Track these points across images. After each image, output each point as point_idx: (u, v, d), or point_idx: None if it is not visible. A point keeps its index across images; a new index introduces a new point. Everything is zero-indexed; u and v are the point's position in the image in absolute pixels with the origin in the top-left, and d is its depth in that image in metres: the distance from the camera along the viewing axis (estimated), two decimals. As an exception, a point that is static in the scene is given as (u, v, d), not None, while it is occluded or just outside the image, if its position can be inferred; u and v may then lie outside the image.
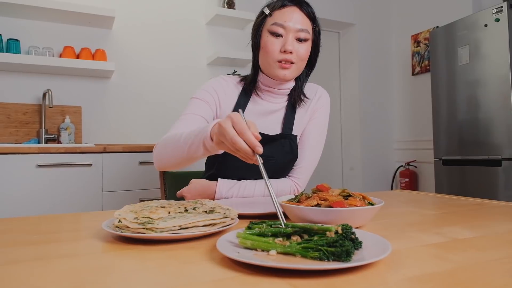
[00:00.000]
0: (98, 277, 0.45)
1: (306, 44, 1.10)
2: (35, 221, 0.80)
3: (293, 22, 1.07)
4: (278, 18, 1.08)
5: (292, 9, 1.08)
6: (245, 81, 1.20)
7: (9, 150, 1.91)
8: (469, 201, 1.05)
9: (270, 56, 1.09)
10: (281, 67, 1.08)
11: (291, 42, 1.07)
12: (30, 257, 0.53)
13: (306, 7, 1.10)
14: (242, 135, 0.69)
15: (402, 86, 3.80)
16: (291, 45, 1.06)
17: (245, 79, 1.21)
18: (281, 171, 1.17)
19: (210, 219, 0.64)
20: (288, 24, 1.07)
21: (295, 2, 1.09)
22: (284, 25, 1.07)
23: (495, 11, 2.43)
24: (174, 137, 0.95)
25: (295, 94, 1.18)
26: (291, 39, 1.07)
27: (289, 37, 1.07)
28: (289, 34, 1.07)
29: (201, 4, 3.02)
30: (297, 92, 1.18)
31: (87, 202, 2.06)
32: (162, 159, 1.00)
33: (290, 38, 1.07)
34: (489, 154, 2.48)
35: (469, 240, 0.60)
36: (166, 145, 0.97)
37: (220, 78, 1.21)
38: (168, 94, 2.89)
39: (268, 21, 1.10)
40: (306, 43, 1.10)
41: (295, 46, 1.08)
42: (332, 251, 0.47)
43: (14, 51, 2.36)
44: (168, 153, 0.96)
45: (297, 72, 1.13)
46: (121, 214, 0.65)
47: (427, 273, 0.44)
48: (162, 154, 0.99)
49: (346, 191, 0.75)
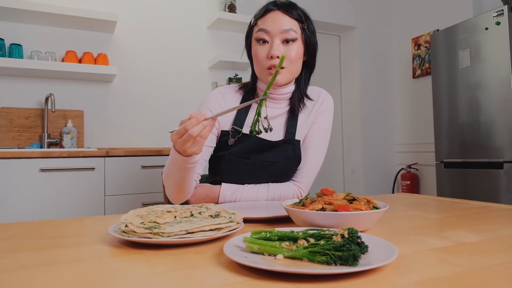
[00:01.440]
0: (108, 282, 0.45)
1: (295, 45, 1.09)
2: (41, 226, 0.81)
3: (276, 25, 1.06)
4: (262, 24, 1.09)
5: (275, 13, 1.08)
6: (245, 88, 1.20)
7: (13, 155, 1.92)
8: (472, 204, 1.05)
9: (260, 65, 1.09)
10: (270, 74, 1.08)
11: (277, 46, 1.06)
12: (40, 262, 0.53)
13: (291, 9, 1.09)
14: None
15: (403, 89, 3.81)
16: (277, 49, 1.06)
17: (245, 86, 1.21)
18: (284, 175, 1.17)
19: (216, 224, 0.64)
20: (270, 27, 1.07)
21: (279, 6, 1.09)
22: (267, 29, 1.07)
23: (495, 14, 2.44)
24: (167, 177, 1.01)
25: (296, 99, 1.17)
26: (277, 43, 1.07)
27: (275, 41, 1.07)
28: (274, 38, 1.07)
29: (203, 8, 3.04)
30: (297, 96, 1.17)
31: (90, 206, 2.06)
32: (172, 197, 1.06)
33: (275, 42, 1.07)
34: (490, 157, 2.48)
35: (474, 244, 0.60)
36: (167, 186, 1.04)
37: (216, 92, 1.20)
38: (170, 98, 2.90)
39: (254, 30, 1.12)
40: (294, 43, 1.08)
41: (282, 49, 1.07)
42: (339, 255, 0.47)
43: (16, 55, 2.37)
44: (170, 188, 1.03)
45: (289, 76, 1.11)
46: (127, 218, 0.66)
47: (434, 277, 0.45)
48: (169, 194, 1.05)
49: (351, 195, 0.75)
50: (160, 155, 2.25)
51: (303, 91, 1.18)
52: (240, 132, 1.13)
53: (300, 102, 1.17)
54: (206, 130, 0.82)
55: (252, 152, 1.12)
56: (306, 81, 1.20)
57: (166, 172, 1.00)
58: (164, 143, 2.84)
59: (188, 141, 0.82)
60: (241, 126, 1.15)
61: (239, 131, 1.13)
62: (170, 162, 0.95)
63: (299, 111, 1.19)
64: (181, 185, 0.99)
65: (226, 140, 1.13)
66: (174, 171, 0.95)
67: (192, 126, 0.79)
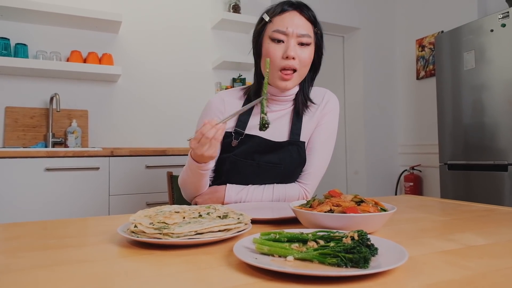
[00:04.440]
0: (119, 283, 0.45)
1: (309, 49, 1.09)
2: (49, 226, 0.81)
3: (294, 27, 1.06)
4: (279, 24, 1.07)
5: (292, 14, 1.07)
6: (248, 92, 1.20)
7: (18, 154, 1.92)
8: (478, 207, 1.05)
9: (272, 63, 1.08)
10: (282, 78, 1.08)
11: (293, 47, 1.06)
12: (51, 262, 0.54)
13: (307, 10, 1.09)
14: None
15: (407, 91, 3.81)
16: (293, 50, 1.06)
17: (249, 89, 1.20)
18: (289, 177, 1.17)
19: (225, 224, 0.64)
20: (289, 30, 1.06)
21: (295, 6, 1.08)
22: (286, 31, 1.06)
23: (501, 16, 2.43)
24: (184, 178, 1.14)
25: (299, 101, 1.17)
26: (293, 45, 1.06)
27: (291, 42, 1.06)
28: (291, 40, 1.06)
29: (207, 8, 3.04)
30: (301, 98, 1.17)
31: (95, 205, 2.07)
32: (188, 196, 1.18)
33: (292, 43, 1.06)
34: (495, 159, 2.47)
35: (482, 247, 0.60)
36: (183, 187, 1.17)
37: (217, 98, 1.20)
38: (174, 98, 2.90)
39: (268, 28, 1.09)
40: (308, 47, 1.09)
41: (298, 51, 1.07)
42: (350, 258, 0.48)
43: (22, 55, 2.38)
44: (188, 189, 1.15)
45: (298, 80, 1.12)
46: (136, 219, 0.66)
47: (445, 280, 0.45)
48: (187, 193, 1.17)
49: (358, 197, 0.75)
50: (165, 155, 2.25)
51: (306, 94, 1.18)
52: (243, 133, 1.13)
53: (303, 105, 1.17)
54: (219, 132, 0.93)
55: (256, 153, 1.13)
56: (309, 83, 1.19)
57: (184, 177, 1.13)
58: (169, 143, 2.85)
59: (205, 144, 0.93)
60: (244, 127, 1.15)
61: (242, 133, 1.13)
62: (187, 168, 1.08)
63: (303, 113, 1.19)
64: (197, 187, 1.12)
65: (229, 141, 1.14)
66: (191, 177, 1.08)
67: (207, 130, 0.91)
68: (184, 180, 1.13)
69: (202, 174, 1.06)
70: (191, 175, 1.07)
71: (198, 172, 1.05)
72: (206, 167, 1.04)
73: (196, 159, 1.01)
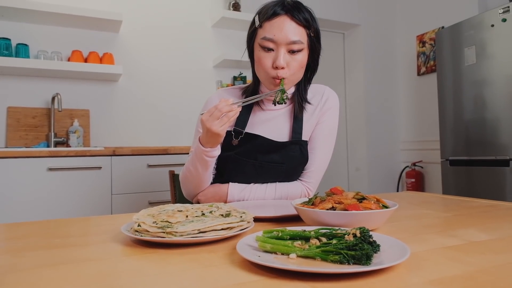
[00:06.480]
0: (124, 281, 0.46)
1: (300, 55, 1.06)
2: (53, 225, 0.82)
3: (284, 35, 1.02)
4: (268, 31, 1.04)
5: (282, 19, 1.03)
6: (246, 92, 1.20)
7: (21, 154, 1.93)
8: (480, 202, 1.05)
9: (263, 72, 1.07)
10: (274, 84, 1.07)
11: (283, 56, 1.03)
12: (56, 261, 0.54)
13: (298, 14, 1.04)
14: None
15: (408, 87, 3.80)
16: (282, 59, 1.03)
17: (247, 89, 1.20)
18: (291, 176, 1.17)
19: (228, 223, 0.64)
20: (278, 37, 1.02)
21: (286, 9, 1.04)
22: (274, 39, 1.02)
23: (501, 11, 2.42)
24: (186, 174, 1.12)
25: (296, 102, 1.16)
26: (283, 53, 1.03)
27: (281, 51, 1.03)
28: (280, 48, 1.03)
29: (207, 7, 3.04)
30: (297, 99, 1.16)
31: (97, 205, 2.08)
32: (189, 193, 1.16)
33: (281, 52, 1.03)
34: (496, 154, 2.47)
35: (485, 243, 0.60)
36: (185, 182, 1.14)
37: (215, 95, 1.21)
38: (175, 96, 2.90)
39: (259, 34, 1.07)
40: (300, 53, 1.06)
41: (287, 59, 1.04)
42: (352, 255, 0.48)
43: (23, 55, 2.38)
44: (190, 185, 1.13)
45: (291, 84, 1.11)
46: (139, 218, 0.66)
47: (448, 276, 0.45)
48: (188, 189, 1.15)
49: (360, 194, 0.75)
50: (166, 154, 2.26)
51: (302, 95, 1.17)
52: (243, 132, 1.13)
53: (300, 106, 1.17)
54: (232, 113, 0.93)
55: (259, 153, 1.13)
56: (306, 84, 1.18)
57: (186, 172, 1.11)
58: (170, 142, 2.85)
59: (217, 117, 0.92)
60: (244, 127, 1.15)
61: (242, 132, 1.13)
62: (192, 159, 1.06)
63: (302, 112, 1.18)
64: (200, 182, 1.10)
65: (229, 140, 1.14)
66: (195, 169, 1.06)
67: (222, 105, 0.93)
68: (186, 176, 1.11)
69: (207, 162, 1.03)
70: (196, 164, 1.05)
71: (203, 158, 1.02)
72: (212, 153, 1.01)
73: (203, 141, 0.99)
